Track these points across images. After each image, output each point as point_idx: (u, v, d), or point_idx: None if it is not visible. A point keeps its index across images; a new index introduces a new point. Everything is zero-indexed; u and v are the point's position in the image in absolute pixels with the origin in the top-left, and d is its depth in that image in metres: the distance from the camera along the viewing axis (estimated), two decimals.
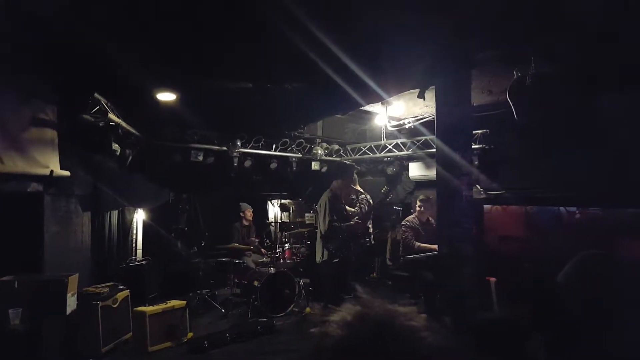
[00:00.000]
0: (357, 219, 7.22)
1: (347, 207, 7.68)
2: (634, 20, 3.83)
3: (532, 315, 1.70)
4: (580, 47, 4.49)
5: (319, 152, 9.31)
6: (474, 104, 6.12)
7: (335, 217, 7.07)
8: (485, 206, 7.94)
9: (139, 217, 8.46)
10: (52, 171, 5.12)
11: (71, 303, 5.04)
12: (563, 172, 6.37)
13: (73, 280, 5.08)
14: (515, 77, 4.98)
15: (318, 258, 7.31)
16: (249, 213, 8.94)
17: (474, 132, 6.90)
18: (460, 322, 4.50)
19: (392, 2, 3.76)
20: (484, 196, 7.54)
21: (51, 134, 5.33)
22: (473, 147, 6.49)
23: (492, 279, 6.47)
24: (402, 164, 9.34)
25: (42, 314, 4.66)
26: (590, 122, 5.65)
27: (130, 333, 6.03)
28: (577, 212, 7.20)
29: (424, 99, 5.53)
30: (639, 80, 5.06)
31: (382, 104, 7.37)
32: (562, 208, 7.30)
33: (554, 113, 4.95)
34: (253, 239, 9.00)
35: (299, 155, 9.20)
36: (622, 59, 4.62)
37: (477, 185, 7.25)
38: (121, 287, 6.10)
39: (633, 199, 5.80)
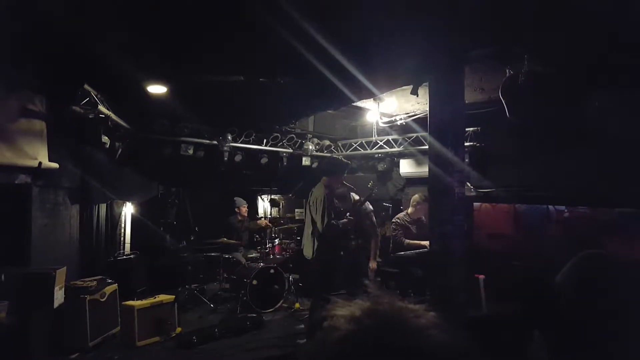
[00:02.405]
0: (349, 215, 7.21)
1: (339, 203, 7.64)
2: (627, 20, 3.85)
3: (531, 314, 1.68)
4: (572, 46, 4.50)
5: (310, 147, 9.27)
6: (466, 102, 6.12)
7: (333, 215, 7.05)
8: (474, 203, 7.97)
9: (128, 210, 8.38)
10: (40, 163, 5.05)
11: (59, 296, 5.01)
12: (553, 171, 6.41)
13: (61, 274, 5.04)
14: (507, 74, 4.98)
15: (309, 254, 7.30)
16: (244, 209, 8.95)
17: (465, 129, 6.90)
18: (450, 318, 4.50)
19: None
20: (474, 194, 7.57)
21: (40, 125, 5.26)
22: (465, 144, 6.49)
23: (481, 276, 6.53)
24: (393, 160, 9.34)
25: (29, 307, 4.62)
26: (580, 122, 5.68)
27: (118, 327, 6.00)
28: (565, 210, 7.25)
29: (417, 96, 5.53)
30: (630, 80, 5.09)
31: (374, 100, 7.35)
32: (550, 206, 7.35)
33: (545, 111, 4.96)
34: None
35: (290, 150, 9.17)
36: (614, 58, 4.65)
37: (468, 183, 7.27)
38: (109, 281, 6.05)
39: (621, 199, 5.85)
